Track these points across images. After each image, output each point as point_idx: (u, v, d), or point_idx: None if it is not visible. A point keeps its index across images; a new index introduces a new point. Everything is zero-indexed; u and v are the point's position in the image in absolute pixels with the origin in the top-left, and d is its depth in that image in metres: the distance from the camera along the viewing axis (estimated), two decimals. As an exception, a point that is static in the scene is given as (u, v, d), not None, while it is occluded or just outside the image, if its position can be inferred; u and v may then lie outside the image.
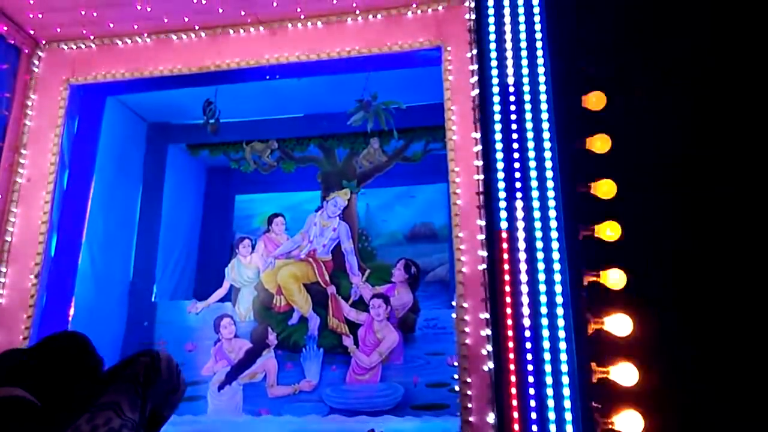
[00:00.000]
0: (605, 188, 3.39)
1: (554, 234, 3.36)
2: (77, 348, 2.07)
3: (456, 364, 4.08)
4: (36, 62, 5.30)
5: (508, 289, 3.34)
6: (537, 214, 3.40)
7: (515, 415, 3.18)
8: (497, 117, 3.63)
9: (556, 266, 3.31)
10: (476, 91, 3.96)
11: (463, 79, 4.50)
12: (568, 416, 3.10)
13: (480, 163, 3.72)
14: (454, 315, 4.29)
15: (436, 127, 5.17)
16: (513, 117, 3.57)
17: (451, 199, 4.52)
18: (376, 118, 5.68)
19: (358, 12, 4.95)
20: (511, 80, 3.67)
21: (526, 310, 3.30)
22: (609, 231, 3.32)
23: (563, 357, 3.16)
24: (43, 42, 5.32)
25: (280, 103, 6.24)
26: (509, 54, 3.66)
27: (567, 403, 3.11)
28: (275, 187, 6.89)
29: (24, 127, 5.15)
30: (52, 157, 5.08)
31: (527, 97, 3.61)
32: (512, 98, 3.63)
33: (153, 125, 6.72)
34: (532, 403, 3.18)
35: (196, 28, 5.13)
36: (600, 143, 3.48)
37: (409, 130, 6.24)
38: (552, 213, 3.37)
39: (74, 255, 5.34)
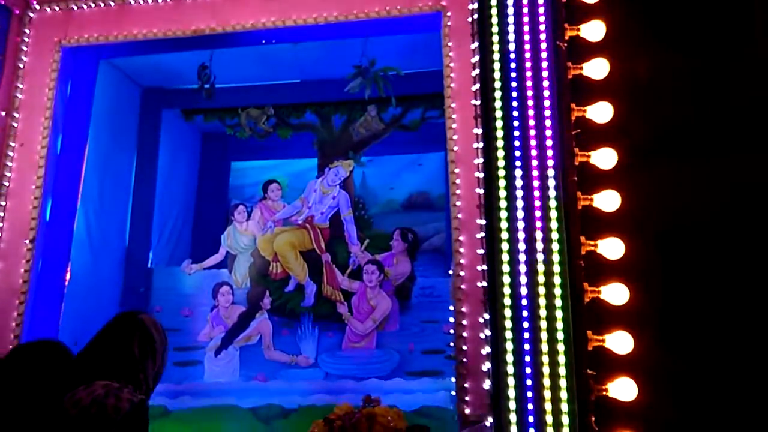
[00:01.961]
0: (605, 156, 3.37)
1: (552, 203, 3.35)
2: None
3: (452, 332, 4.12)
4: (27, 24, 5.19)
5: (505, 258, 3.34)
6: (536, 183, 3.38)
7: (510, 381, 3.21)
8: (497, 84, 3.57)
9: (554, 235, 3.30)
10: (476, 58, 3.90)
11: (463, 46, 4.43)
12: (563, 383, 3.13)
13: (479, 131, 3.68)
14: (450, 283, 4.33)
15: (435, 94, 5.13)
16: (513, 84, 3.52)
17: (449, 167, 4.51)
18: (373, 84, 5.63)
19: (356, -26, 4.85)
20: (512, 47, 3.61)
21: (523, 279, 3.30)
22: (608, 200, 3.31)
23: (559, 325, 3.18)
24: (35, 3, 5.21)
25: (276, 68, 6.16)
26: (511, 20, 3.60)
27: (562, 370, 3.13)
28: (271, 154, 6.85)
29: (15, 90, 5.08)
30: (45, 121, 5.04)
31: (528, 65, 3.56)
32: (513, 65, 3.57)
33: (147, 90, 6.64)
34: (528, 370, 3.21)
35: (191, -11, 5.03)
36: (601, 111, 3.45)
37: (407, 98, 6.19)
38: (551, 182, 3.35)
39: (69, 220, 5.33)
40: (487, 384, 3.38)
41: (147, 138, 6.54)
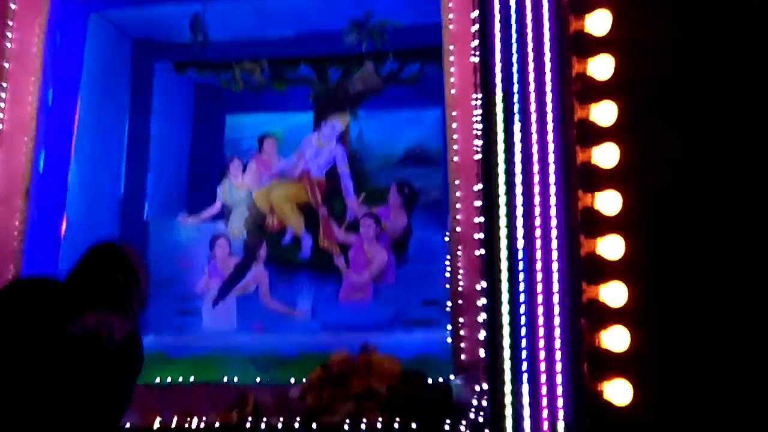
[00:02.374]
0: (605, 111, 3.39)
1: (551, 157, 3.39)
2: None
3: (447, 286, 4.20)
4: (14, -30, 5.05)
5: (503, 210, 3.39)
6: (535, 138, 3.41)
7: (506, 331, 3.30)
8: (497, 38, 3.56)
9: (552, 189, 3.35)
10: (476, 12, 3.87)
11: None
12: (557, 333, 3.22)
13: (478, 97, 3.68)
14: (446, 236, 4.38)
15: (433, 48, 5.07)
16: (514, 37, 3.51)
17: (447, 122, 4.51)
18: (370, 38, 5.56)
19: None
20: (512, 1, 3.59)
21: (520, 232, 3.36)
22: (606, 155, 3.35)
23: (555, 276, 3.25)
24: (22, -49, 5.06)
25: (271, 21, 6.04)
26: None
27: (557, 320, 3.22)
28: (266, 107, 6.78)
29: (4, 40, 4.98)
30: (35, 72, 4.94)
31: (529, 18, 3.54)
32: (513, 16, 3.56)
33: (138, 42, 6.50)
34: (523, 320, 3.29)
35: (184, -64, 4.90)
36: (602, 66, 3.45)
37: (404, 52, 6.11)
38: (550, 136, 3.38)
39: (63, 172, 5.32)
40: (482, 335, 3.47)
41: (139, 90, 6.44)
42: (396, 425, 3.44)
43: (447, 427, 3.42)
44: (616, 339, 3.17)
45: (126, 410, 1.95)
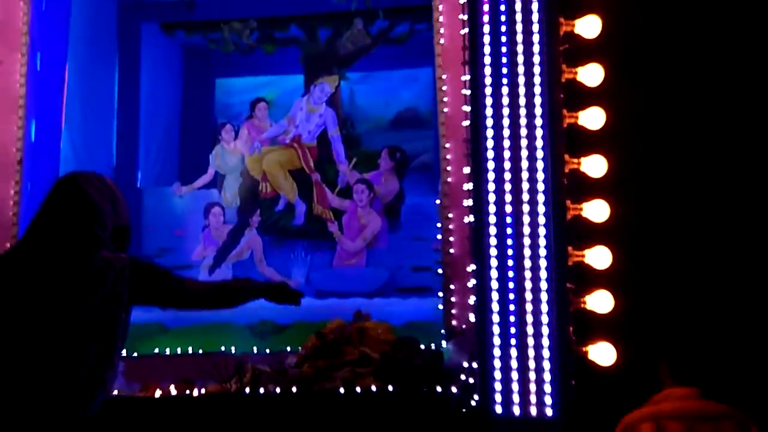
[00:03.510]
0: (592, 73, 3.34)
1: (538, 121, 3.35)
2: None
3: (439, 249, 4.22)
4: (-7, -68, 4.92)
5: (491, 176, 3.38)
6: (522, 101, 3.37)
7: (495, 296, 3.33)
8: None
9: (539, 153, 3.33)
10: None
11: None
12: (544, 297, 3.25)
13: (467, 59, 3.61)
14: (438, 201, 4.38)
15: (423, 6, 4.98)
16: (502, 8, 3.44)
17: (437, 84, 4.45)
18: (360, -5, 5.44)
19: None
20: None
21: (508, 197, 3.36)
22: (593, 118, 3.32)
23: (542, 242, 3.27)
24: None
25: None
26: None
27: (543, 285, 3.25)
28: (257, 70, 6.69)
29: (-11, 7, 4.89)
30: (22, 37, 4.86)
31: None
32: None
33: (124, 3, 6.38)
34: (511, 285, 3.33)
35: None
36: (590, 26, 3.39)
37: (394, 10, 6.01)
38: (537, 100, 3.34)
39: (55, 141, 5.28)
40: (472, 299, 3.50)
41: (127, 54, 6.36)
42: (390, 390, 3.50)
43: (439, 391, 3.48)
44: (600, 302, 3.20)
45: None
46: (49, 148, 5.21)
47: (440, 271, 4.21)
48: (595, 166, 3.28)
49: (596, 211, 3.24)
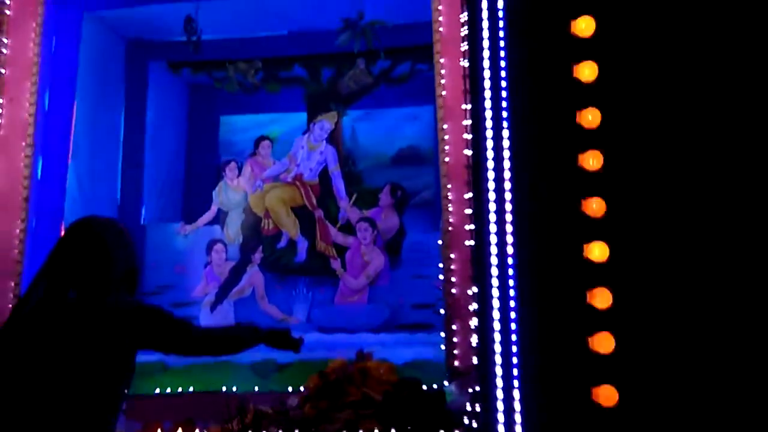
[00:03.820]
0: (591, 116, 3.39)
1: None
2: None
3: (440, 290, 4.23)
4: (8, -23, 5.06)
5: (492, 218, 3.40)
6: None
7: (497, 337, 3.32)
8: (485, 44, 3.56)
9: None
10: (464, 15, 3.86)
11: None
12: (547, 339, 3.24)
13: (468, 107, 3.68)
14: (440, 241, 4.40)
15: (424, 46, 5.08)
16: (501, 44, 3.50)
17: (438, 125, 4.52)
18: (362, 38, 5.56)
19: (344, -74, 4.73)
20: (500, 4, 3.57)
21: (509, 238, 3.37)
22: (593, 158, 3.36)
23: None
24: (13, -47, 5.06)
25: (264, 20, 6.07)
26: (500, -24, 3.55)
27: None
28: (260, 107, 6.80)
29: (0, 46, 4.99)
30: (32, 77, 4.95)
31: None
32: (501, 23, 3.55)
33: (132, 42, 6.52)
34: (513, 326, 3.32)
35: (175, -61, 4.90)
36: (588, 71, 3.45)
37: (396, 50, 6.13)
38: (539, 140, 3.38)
39: (61, 177, 5.34)
40: (474, 339, 3.50)
41: (134, 91, 6.48)
42: (392, 433, 3.49)
43: (442, 434, 3.47)
44: (605, 344, 3.20)
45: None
46: (54, 184, 5.26)
47: (442, 310, 4.22)
48: (595, 207, 3.31)
49: (598, 252, 3.26)
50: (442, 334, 4.12)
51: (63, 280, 1.94)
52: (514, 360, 3.32)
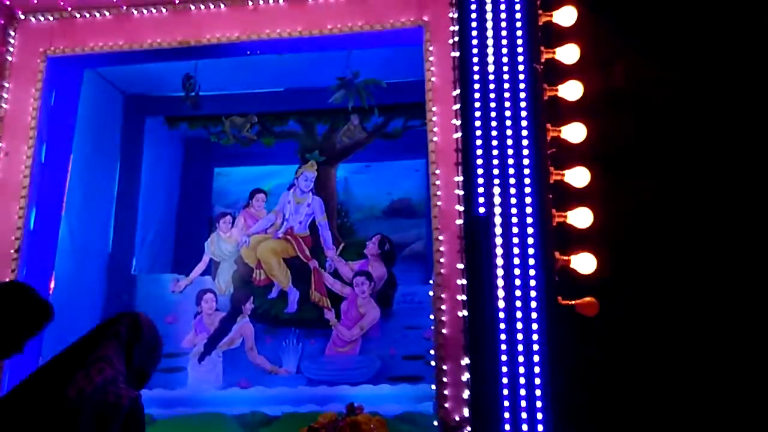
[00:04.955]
0: (579, 175, 3.53)
1: (528, 219, 3.50)
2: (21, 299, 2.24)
3: (431, 341, 4.25)
4: (12, 33, 5.18)
5: (485, 275, 3.48)
6: (513, 200, 3.53)
7: (489, 392, 3.35)
8: (477, 104, 3.72)
9: (530, 251, 3.45)
10: (458, 90, 4.03)
11: (444, 60, 4.54)
12: (538, 392, 3.28)
13: (460, 178, 3.83)
14: (431, 293, 4.44)
15: (417, 104, 5.23)
16: (492, 105, 3.66)
17: (430, 179, 4.62)
18: (356, 96, 5.73)
19: (340, -10, 4.94)
20: (491, 68, 3.75)
21: (501, 293, 3.44)
22: (581, 217, 3.48)
23: (535, 337, 3.33)
24: (20, 13, 5.20)
25: (261, 77, 6.22)
26: (490, 42, 3.74)
27: (537, 381, 3.28)
28: (254, 160, 6.91)
29: (0, 100, 5.09)
30: (30, 131, 5.01)
31: (507, 86, 3.70)
32: (492, 86, 3.71)
33: (130, 97, 6.65)
34: (505, 380, 3.35)
35: (177, 2, 5.06)
36: (575, 131, 3.61)
37: (389, 107, 6.29)
38: (528, 200, 3.50)
39: (54, 228, 5.33)
40: (466, 393, 3.51)
41: (130, 145, 6.55)
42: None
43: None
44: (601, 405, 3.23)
45: None
46: (47, 236, 5.26)
47: (433, 362, 4.21)
48: (584, 263, 3.40)
49: (588, 308, 3.33)
50: (433, 387, 4.10)
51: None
52: (506, 415, 3.34)
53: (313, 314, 5.83)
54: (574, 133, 3.60)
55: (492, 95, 3.66)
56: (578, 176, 3.54)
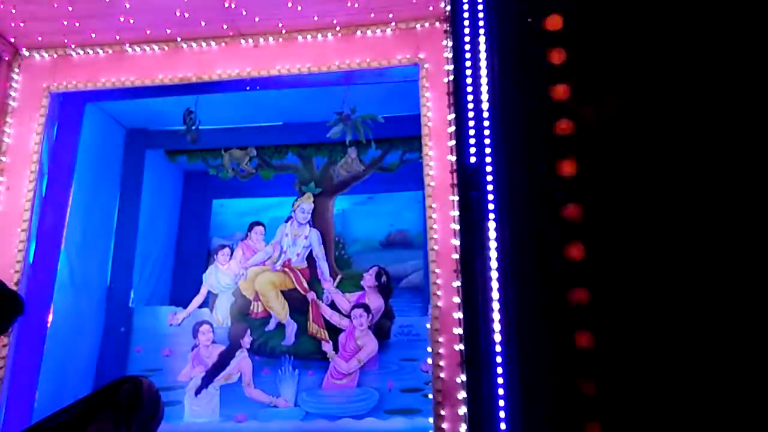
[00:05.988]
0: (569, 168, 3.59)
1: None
2: None
3: (429, 374, 4.26)
4: (16, 70, 5.30)
5: (481, 308, 3.50)
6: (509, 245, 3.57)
7: (487, 427, 3.35)
8: (472, 141, 3.78)
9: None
10: (452, 116, 4.12)
11: (440, 97, 4.68)
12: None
13: (455, 205, 3.87)
14: (428, 325, 4.47)
15: (413, 137, 5.34)
16: (487, 141, 3.73)
17: (426, 212, 4.69)
18: (354, 130, 5.83)
19: (338, 29, 5.07)
20: (485, 106, 3.83)
21: (497, 326, 3.47)
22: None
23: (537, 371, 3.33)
24: (24, 50, 5.32)
25: (260, 111, 6.34)
26: (484, 81, 3.82)
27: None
28: (253, 192, 6.99)
29: (3, 135, 5.16)
30: (32, 165, 5.10)
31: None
32: (486, 123, 3.79)
33: (131, 131, 6.75)
34: (502, 414, 3.35)
35: (178, 39, 5.19)
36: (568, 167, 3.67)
37: (386, 140, 6.41)
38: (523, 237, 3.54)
39: (53, 262, 5.36)
40: (463, 428, 3.51)
41: (130, 178, 6.63)
42: None
43: None
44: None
45: None
46: (45, 268, 5.29)
47: (430, 395, 4.23)
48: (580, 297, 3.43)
49: (584, 340, 3.35)
50: (431, 420, 4.11)
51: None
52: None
53: (310, 346, 5.84)
54: (568, 168, 3.66)
55: (486, 131, 3.73)
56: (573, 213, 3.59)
